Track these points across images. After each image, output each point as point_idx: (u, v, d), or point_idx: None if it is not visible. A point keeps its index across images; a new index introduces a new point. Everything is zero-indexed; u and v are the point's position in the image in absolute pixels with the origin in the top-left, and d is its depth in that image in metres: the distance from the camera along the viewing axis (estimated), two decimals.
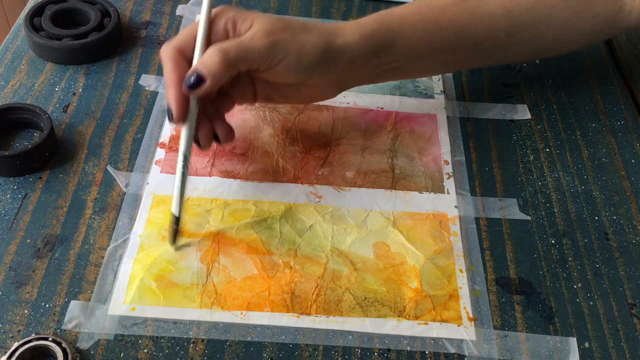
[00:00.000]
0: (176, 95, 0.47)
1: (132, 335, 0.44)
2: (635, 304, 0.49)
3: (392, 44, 0.52)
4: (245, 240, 0.50)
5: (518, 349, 0.46)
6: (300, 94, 0.53)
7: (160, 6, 0.71)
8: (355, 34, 0.51)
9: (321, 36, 0.49)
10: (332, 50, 0.50)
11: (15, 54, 0.64)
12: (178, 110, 0.47)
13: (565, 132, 0.62)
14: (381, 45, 0.52)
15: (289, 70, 0.49)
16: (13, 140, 0.56)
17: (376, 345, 0.45)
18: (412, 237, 0.52)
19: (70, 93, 0.61)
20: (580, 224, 0.54)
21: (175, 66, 0.47)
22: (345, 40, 0.50)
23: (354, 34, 0.51)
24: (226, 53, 0.46)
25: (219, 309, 0.46)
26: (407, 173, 0.56)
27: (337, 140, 0.59)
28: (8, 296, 0.46)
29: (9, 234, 0.49)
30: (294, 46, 0.48)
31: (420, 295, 0.48)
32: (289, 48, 0.48)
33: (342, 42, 0.50)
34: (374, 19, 0.53)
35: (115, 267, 0.48)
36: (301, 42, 0.48)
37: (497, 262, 0.51)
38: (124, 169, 0.55)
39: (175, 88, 0.47)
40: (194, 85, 0.46)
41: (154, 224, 0.51)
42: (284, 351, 0.44)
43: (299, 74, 0.49)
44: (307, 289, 0.48)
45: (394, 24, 0.52)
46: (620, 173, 0.59)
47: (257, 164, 0.56)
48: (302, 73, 0.49)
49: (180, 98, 0.47)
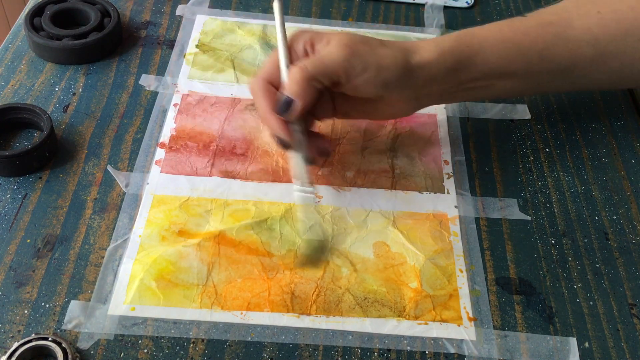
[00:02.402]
0: (279, 123, 0.48)
1: (132, 335, 0.44)
2: (635, 304, 0.49)
3: (472, 63, 0.52)
4: (246, 242, 0.50)
5: (518, 349, 0.46)
6: (378, 111, 0.53)
7: (160, 6, 0.71)
8: (433, 51, 0.51)
9: (400, 51, 0.50)
10: (410, 65, 0.50)
11: (15, 54, 0.64)
12: (287, 135, 0.48)
13: (565, 132, 0.62)
14: (460, 62, 0.51)
15: (369, 84, 0.49)
16: (13, 140, 0.56)
17: (376, 345, 0.45)
18: (412, 237, 0.52)
19: (70, 93, 0.61)
20: (580, 224, 0.54)
21: (267, 96, 0.49)
22: (424, 57, 0.50)
23: (432, 50, 0.51)
24: (305, 69, 0.47)
25: (219, 309, 0.46)
26: (407, 173, 0.57)
27: (337, 140, 0.59)
28: (8, 296, 0.46)
29: (9, 234, 0.49)
30: (374, 59, 0.48)
31: (420, 295, 0.48)
32: (368, 61, 0.48)
33: (420, 58, 0.50)
34: (453, 37, 0.52)
35: (115, 267, 0.48)
36: (380, 55, 0.49)
37: (497, 262, 0.51)
38: (124, 169, 0.55)
39: (275, 116, 0.48)
40: (285, 109, 0.47)
41: (154, 224, 0.51)
42: (284, 351, 0.44)
43: (378, 89, 0.49)
44: (307, 289, 0.48)
45: (474, 43, 0.52)
46: (620, 173, 0.59)
47: (257, 164, 0.56)
48: (381, 88, 0.49)
49: (284, 124, 0.48)
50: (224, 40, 0.68)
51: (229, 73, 0.64)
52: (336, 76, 0.48)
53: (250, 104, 0.61)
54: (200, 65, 0.64)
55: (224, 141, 0.57)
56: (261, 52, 0.66)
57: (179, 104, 0.60)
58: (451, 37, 0.52)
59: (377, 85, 0.49)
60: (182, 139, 0.57)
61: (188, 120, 0.59)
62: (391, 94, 0.50)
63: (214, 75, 0.64)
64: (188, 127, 0.58)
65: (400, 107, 0.53)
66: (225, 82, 0.63)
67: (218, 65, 0.65)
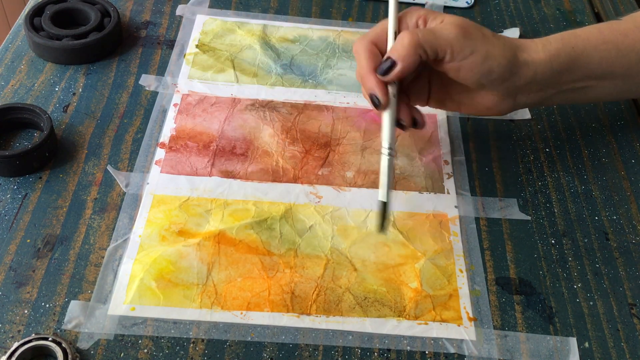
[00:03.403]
0: (377, 82, 0.49)
1: (132, 335, 0.44)
2: (635, 304, 0.49)
3: (575, 65, 0.52)
4: (245, 241, 0.50)
5: (518, 349, 0.46)
6: (473, 103, 0.53)
7: (160, 6, 0.71)
8: (541, 51, 0.51)
9: (509, 45, 0.50)
10: (518, 61, 0.50)
11: (15, 54, 0.64)
12: (383, 95, 0.49)
13: (565, 132, 0.62)
14: (565, 64, 0.52)
15: (473, 69, 0.49)
16: (13, 140, 0.56)
17: (376, 345, 0.45)
18: (412, 237, 0.52)
19: (70, 93, 0.61)
20: (580, 224, 0.54)
21: (370, 56, 0.49)
22: (532, 56, 0.51)
23: (540, 50, 0.51)
24: (415, 35, 0.47)
25: (219, 309, 0.46)
26: (407, 173, 0.57)
27: (337, 140, 0.59)
28: (8, 296, 0.46)
29: (9, 234, 0.49)
30: (483, 45, 0.49)
31: (420, 295, 0.48)
32: (478, 45, 0.48)
33: (528, 56, 0.50)
34: (557, 38, 0.53)
35: (115, 267, 0.48)
36: (491, 43, 0.49)
37: (497, 262, 0.51)
38: (124, 169, 0.55)
39: (374, 75, 0.49)
40: (387, 70, 0.48)
41: (154, 224, 0.51)
42: (284, 351, 0.44)
43: (480, 76, 0.49)
44: (307, 289, 0.48)
45: (578, 45, 0.52)
46: (620, 173, 0.59)
47: (257, 164, 0.56)
48: (483, 75, 0.49)
49: (381, 84, 0.49)
50: (224, 40, 0.68)
51: (229, 73, 0.64)
52: (443, 52, 0.48)
53: (250, 104, 0.61)
54: (200, 65, 0.64)
55: (224, 141, 0.57)
56: (261, 52, 0.66)
57: (179, 104, 0.60)
58: (556, 39, 0.52)
59: (481, 73, 0.49)
60: (182, 139, 0.57)
61: (188, 120, 0.59)
62: (490, 86, 0.50)
63: (214, 75, 0.64)
64: (188, 127, 0.58)
65: (495, 102, 0.52)
66: (225, 82, 0.63)
67: (218, 65, 0.65)
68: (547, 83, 0.52)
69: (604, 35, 0.53)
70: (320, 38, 0.69)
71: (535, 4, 0.77)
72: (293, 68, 0.65)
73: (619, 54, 0.53)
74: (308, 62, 0.66)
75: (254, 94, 0.62)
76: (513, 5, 0.76)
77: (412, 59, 0.47)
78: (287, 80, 0.64)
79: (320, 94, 0.63)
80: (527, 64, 0.50)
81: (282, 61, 0.66)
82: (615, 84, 0.55)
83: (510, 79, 0.50)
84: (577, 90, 0.54)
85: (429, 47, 0.48)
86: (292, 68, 0.65)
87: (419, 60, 0.48)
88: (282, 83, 0.64)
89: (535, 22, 0.74)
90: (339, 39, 0.69)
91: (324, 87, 0.64)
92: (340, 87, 0.64)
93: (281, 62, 0.66)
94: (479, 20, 0.73)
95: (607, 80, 0.54)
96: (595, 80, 0.53)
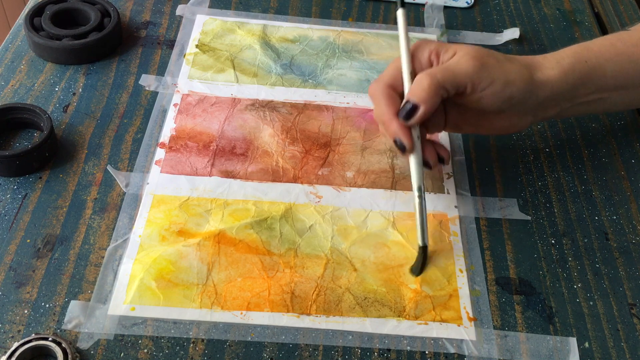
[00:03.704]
0: (401, 127, 0.48)
1: (132, 335, 0.44)
2: (635, 304, 0.49)
3: (589, 79, 0.52)
4: (245, 241, 0.50)
5: (518, 349, 0.46)
6: (491, 124, 0.53)
7: (160, 6, 0.71)
8: (555, 68, 0.51)
9: (524, 67, 0.50)
10: (534, 82, 0.50)
11: (15, 54, 0.64)
12: (408, 140, 0.49)
13: (565, 132, 0.62)
14: (580, 78, 0.52)
15: (494, 97, 0.49)
16: (13, 140, 0.56)
17: (376, 345, 0.45)
18: (412, 238, 0.52)
19: (70, 93, 0.61)
20: (580, 224, 0.54)
21: (390, 101, 0.49)
22: (546, 74, 0.51)
23: (554, 67, 0.51)
24: (434, 76, 0.47)
25: (219, 309, 0.46)
26: (407, 173, 0.56)
27: (337, 140, 0.59)
28: (8, 296, 0.46)
29: (9, 234, 0.49)
30: (501, 73, 0.49)
31: (420, 295, 0.48)
32: (496, 74, 0.49)
33: (543, 75, 0.51)
34: (570, 52, 0.53)
35: (115, 267, 0.48)
36: (507, 70, 0.49)
37: (497, 262, 0.51)
38: (124, 169, 0.55)
39: (397, 120, 0.48)
40: (409, 114, 0.48)
41: (154, 224, 0.51)
42: (284, 351, 0.44)
43: (502, 103, 0.50)
44: (307, 289, 0.48)
45: (591, 58, 0.52)
46: (620, 173, 0.59)
47: (257, 164, 0.56)
48: (505, 102, 0.50)
49: (405, 129, 0.48)
50: (224, 40, 0.68)
51: (229, 73, 0.64)
52: (463, 87, 0.48)
53: (250, 104, 0.61)
54: (200, 65, 0.64)
55: (224, 141, 0.57)
56: (261, 52, 0.66)
57: (179, 104, 0.60)
58: (568, 54, 0.53)
59: (502, 99, 0.49)
60: (182, 139, 0.57)
61: (188, 120, 0.59)
62: (512, 109, 0.51)
63: (213, 75, 0.64)
64: (188, 127, 0.58)
65: (513, 122, 0.53)
66: (225, 82, 0.63)
67: (218, 65, 0.65)
68: (562, 98, 0.52)
69: (617, 48, 0.54)
70: (320, 38, 0.69)
71: (535, 4, 0.77)
72: (293, 68, 0.65)
73: (631, 65, 0.53)
74: (308, 62, 0.66)
75: (254, 94, 0.62)
76: (513, 5, 0.76)
77: (433, 101, 0.48)
78: (287, 80, 0.64)
79: (320, 94, 0.63)
80: (543, 83, 0.51)
81: (282, 61, 0.66)
82: (628, 93, 0.55)
83: (530, 98, 0.50)
84: (591, 102, 0.54)
85: (449, 86, 0.48)
86: (292, 68, 0.65)
87: (440, 101, 0.48)
88: (282, 83, 0.64)
89: (535, 22, 0.74)
90: (339, 39, 0.69)
91: (324, 87, 0.64)
92: (340, 87, 0.64)
93: (281, 62, 0.66)
94: (479, 20, 0.73)
95: (621, 91, 0.54)
96: (609, 92, 0.54)
